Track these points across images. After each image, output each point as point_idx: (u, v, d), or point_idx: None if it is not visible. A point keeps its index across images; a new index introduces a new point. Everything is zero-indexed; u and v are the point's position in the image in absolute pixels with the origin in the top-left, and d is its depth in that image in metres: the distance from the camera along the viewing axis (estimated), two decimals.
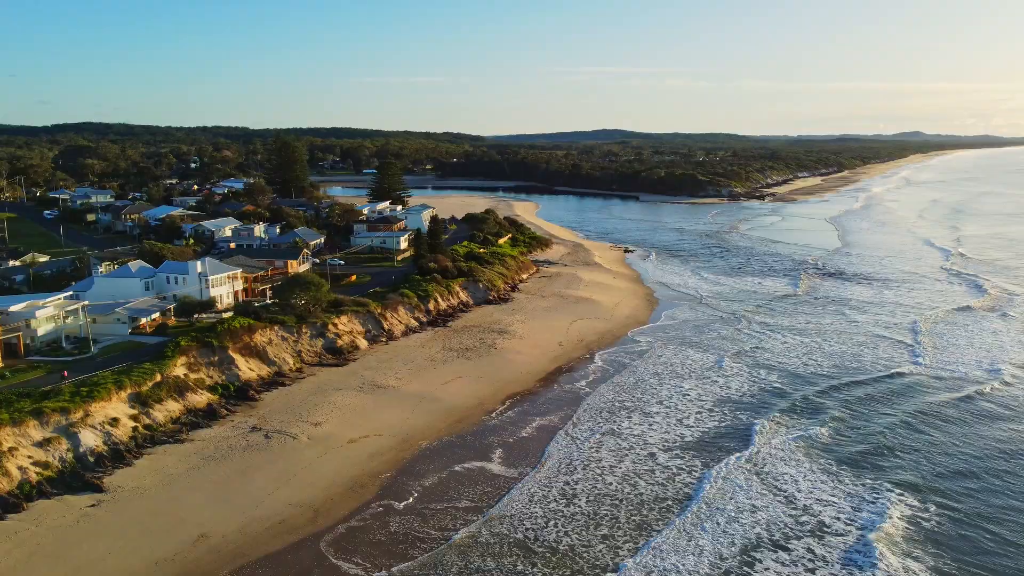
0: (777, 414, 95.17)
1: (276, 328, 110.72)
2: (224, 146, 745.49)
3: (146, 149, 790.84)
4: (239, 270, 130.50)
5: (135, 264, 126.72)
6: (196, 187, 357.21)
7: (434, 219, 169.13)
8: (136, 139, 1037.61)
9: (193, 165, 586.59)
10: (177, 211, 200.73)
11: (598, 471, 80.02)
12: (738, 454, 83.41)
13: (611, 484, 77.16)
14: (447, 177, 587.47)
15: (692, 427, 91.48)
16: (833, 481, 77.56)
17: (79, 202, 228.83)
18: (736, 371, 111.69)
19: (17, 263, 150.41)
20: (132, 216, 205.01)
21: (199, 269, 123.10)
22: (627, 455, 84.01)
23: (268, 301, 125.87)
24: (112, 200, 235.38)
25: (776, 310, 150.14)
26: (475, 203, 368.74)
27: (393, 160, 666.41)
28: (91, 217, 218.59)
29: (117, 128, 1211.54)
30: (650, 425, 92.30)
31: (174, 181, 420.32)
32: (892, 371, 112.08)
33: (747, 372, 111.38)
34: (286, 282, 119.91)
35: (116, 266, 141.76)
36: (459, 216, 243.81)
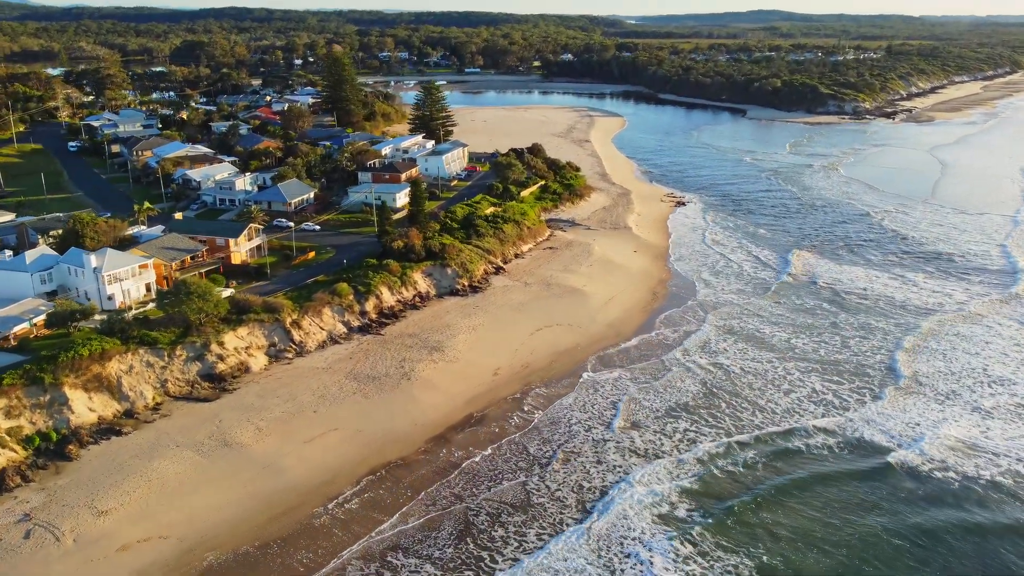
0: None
1: (142, 351, 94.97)
2: (340, 39, 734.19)
3: (271, 40, 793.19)
4: (151, 260, 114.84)
5: (33, 252, 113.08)
6: (269, 97, 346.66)
7: (415, 183, 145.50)
8: (268, 27, 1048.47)
9: (298, 62, 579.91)
10: (175, 152, 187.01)
11: None
12: None
13: None
14: (552, 78, 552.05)
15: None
16: None
17: (104, 132, 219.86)
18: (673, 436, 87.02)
19: None
20: (143, 154, 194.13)
21: (94, 263, 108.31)
22: None
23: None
24: (139, 129, 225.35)
25: (791, 319, 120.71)
26: (556, 119, 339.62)
27: (503, 54, 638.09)
28: (116, 149, 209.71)
29: (256, 13, 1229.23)
30: (538, 563, 68.04)
31: (259, 83, 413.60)
32: (819, 426, 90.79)
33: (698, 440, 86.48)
34: (171, 289, 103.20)
35: (50, 240, 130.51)
36: (526, 144, 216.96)
